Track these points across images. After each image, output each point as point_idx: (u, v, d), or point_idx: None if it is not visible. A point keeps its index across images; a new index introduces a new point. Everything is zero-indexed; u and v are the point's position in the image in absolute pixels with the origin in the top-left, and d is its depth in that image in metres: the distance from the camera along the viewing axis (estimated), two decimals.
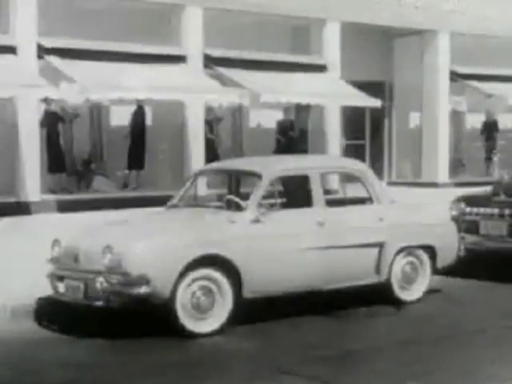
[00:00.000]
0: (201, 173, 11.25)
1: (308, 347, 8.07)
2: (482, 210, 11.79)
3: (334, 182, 14.65)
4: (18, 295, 9.34)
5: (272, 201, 9.31)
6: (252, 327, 8.73)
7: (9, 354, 7.96)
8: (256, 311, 8.88)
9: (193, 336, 8.32)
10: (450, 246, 10.41)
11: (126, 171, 19.12)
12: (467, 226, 11.72)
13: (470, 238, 11.60)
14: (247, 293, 8.70)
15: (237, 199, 9.19)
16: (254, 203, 8.94)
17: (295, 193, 9.70)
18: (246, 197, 9.17)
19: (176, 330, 8.31)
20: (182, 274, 8.28)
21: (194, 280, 8.38)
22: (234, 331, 8.50)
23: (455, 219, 11.50)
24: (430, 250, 10.11)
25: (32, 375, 7.27)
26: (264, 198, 9.13)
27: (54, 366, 7.52)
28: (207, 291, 8.46)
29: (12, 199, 16.65)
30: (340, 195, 10.35)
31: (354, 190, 10.28)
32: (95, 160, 19.31)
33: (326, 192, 9.89)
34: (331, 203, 9.71)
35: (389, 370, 7.24)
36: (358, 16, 20.91)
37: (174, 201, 9.98)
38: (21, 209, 16.37)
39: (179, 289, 8.28)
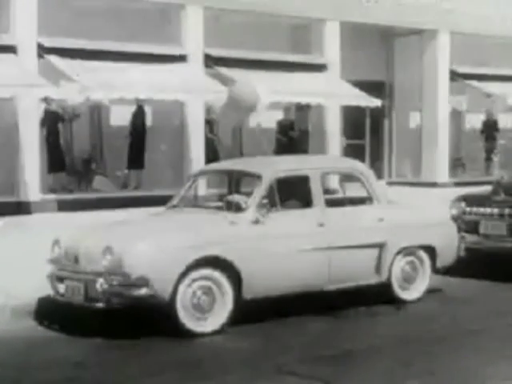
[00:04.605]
0: (201, 173, 11.25)
1: (308, 347, 8.08)
2: (482, 209, 11.80)
3: (334, 182, 14.65)
4: (19, 295, 9.35)
5: (272, 201, 9.30)
6: (252, 327, 8.73)
7: (9, 353, 7.97)
8: (256, 311, 8.89)
9: (193, 336, 8.33)
10: (450, 245, 10.41)
11: (126, 171, 19.12)
12: (467, 226, 11.73)
13: (470, 238, 11.61)
14: (247, 294, 8.70)
15: (237, 200, 9.18)
16: (254, 204, 8.94)
17: (295, 193, 9.69)
18: (246, 197, 9.16)
19: (176, 329, 8.31)
20: (183, 275, 8.28)
21: (194, 280, 8.39)
22: (235, 331, 8.50)
23: (455, 219, 11.53)
24: (430, 250, 10.11)
25: (32, 374, 7.28)
26: (264, 198, 9.14)
27: (54, 365, 7.52)
28: (207, 291, 8.46)
29: (12, 199, 16.64)
30: (340, 195, 10.34)
31: (353, 190, 10.28)
32: (95, 160, 19.31)
33: (326, 192, 9.89)
34: (331, 203, 9.71)
35: (389, 370, 7.25)
36: (358, 16, 20.91)
37: (174, 201, 9.97)
38: (21, 208, 16.37)
39: (179, 289, 8.27)
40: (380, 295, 9.82)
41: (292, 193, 9.70)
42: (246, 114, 14.77)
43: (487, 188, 12.39)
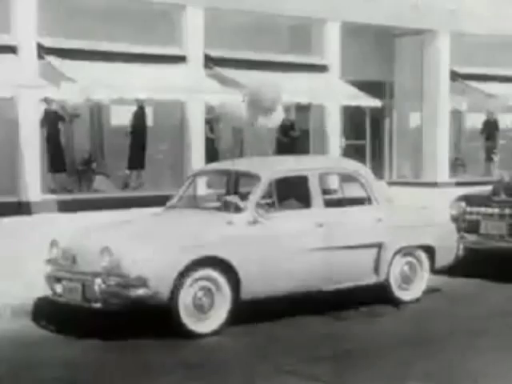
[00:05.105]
0: (199, 173, 11.25)
1: (308, 347, 8.08)
2: (482, 209, 11.81)
3: (334, 183, 14.65)
4: (18, 295, 9.35)
5: (270, 202, 9.30)
6: (251, 327, 8.73)
7: (7, 353, 7.97)
8: (255, 311, 8.89)
9: (193, 336, 8.32)
10: (449, 246, 10.42)
11: (127, 171, 19.13)
12: (467, 226, 11.75)
13: (470, 238, 11.63)
14: (246, 294, 8.69)
15: (235, 200, 9.18)
16: (253, 204, 8.94)
17: (294, 194, 9.69)
18: (244, 198, 9.16)
19: (177, 330, 8.30)
20: (182, 275, 8.28)
21: (193, 280, 8.38)
22: (234, 331, 8.50)
23: (455, 219, 11.54)
24: (429, 250, 10.11)
25: (30, 374, 7.28)
26: (262, 199, 9.13)
27: (53, 365, 7.52)
28: (206, 291, 8.45)
29: (13, 199, 16.65)
30: (339, 195, 10.33)
31: (353, 190, 10.28)
32: (96, 160, 19.32)
33: (325, 192, 9.89)
34: (330, 204, 9.71)
35: (389, 370, 7.25)
36: (358, 16, 20.91)
37: (173, 202, 9.97)
38: (21, 209, 16.38)
39: (181, 289, 8.26)
40: (379, 295, 9.82)
41: (291, 193, 9.69)
42: (266, 113, 14.77)
43: (487, 188, 12.39)
